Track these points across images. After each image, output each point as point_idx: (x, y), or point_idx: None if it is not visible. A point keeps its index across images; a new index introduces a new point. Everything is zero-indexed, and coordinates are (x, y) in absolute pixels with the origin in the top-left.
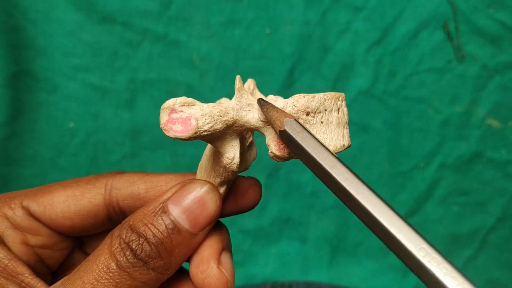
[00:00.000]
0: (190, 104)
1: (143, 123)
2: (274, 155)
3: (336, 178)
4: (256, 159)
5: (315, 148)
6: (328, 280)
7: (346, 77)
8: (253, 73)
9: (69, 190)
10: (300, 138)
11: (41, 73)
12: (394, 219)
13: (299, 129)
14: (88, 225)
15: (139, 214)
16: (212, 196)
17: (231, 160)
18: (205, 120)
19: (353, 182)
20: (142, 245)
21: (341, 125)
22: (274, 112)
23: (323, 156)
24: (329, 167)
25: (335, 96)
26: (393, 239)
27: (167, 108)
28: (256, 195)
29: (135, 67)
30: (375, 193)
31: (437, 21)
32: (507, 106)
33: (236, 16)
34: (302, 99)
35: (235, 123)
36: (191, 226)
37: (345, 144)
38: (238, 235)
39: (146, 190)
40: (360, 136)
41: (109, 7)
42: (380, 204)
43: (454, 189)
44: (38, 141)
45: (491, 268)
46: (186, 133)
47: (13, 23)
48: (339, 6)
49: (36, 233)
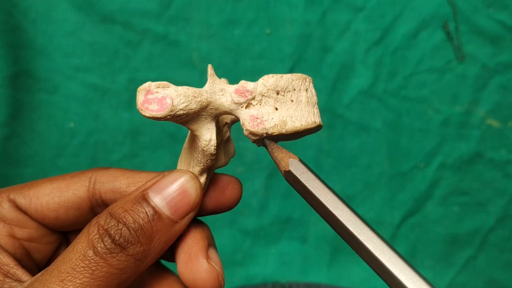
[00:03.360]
0: (165, 86)
1: (143, 123)
2: (249, 132)
3: (339, 218)
4: (256, 159)
5: (319, 189)
6: (328, 281)
7: (346, 77)
8: (253, 73)
9: (55, 183)
10: (304, 179)
11: (41, 73)
12: (396, 260)
13: (303, 170)
14: (72, 217)
15: (120, 202)
16: (193, 184)
17: (208, 142)
18: (180, 99)
19: (356, 223)
20: (121, 230)
21: (310, 104)
22: (279, 153)
23: (326, 197)
24: (332, 207)
25: (302, 77)
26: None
27: (143, 90)
28: (236, 192)
29: (135, 67)
30: (377, 234)
31: (437, 21)
32: (507, 106)
33: (236, 16)
34: (271, 78)
35: (209, 105)
36: (172, 213)
37: (316, 121)
38: (238, 235)
39: (128, 185)
40: (360, 136)
41: (109, 7)
42: (382, 246)
43: (454, 189)
44: (38, 141)
45: (491, 268)
46: (162, 112)
47: (13, 23)
48: (339, 6)
49: (22, 226)
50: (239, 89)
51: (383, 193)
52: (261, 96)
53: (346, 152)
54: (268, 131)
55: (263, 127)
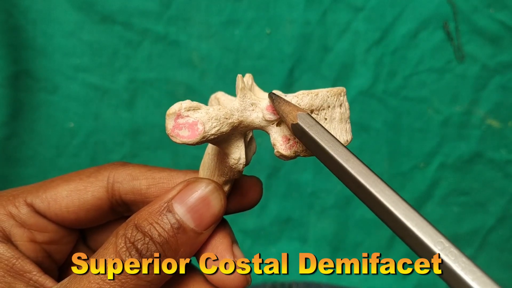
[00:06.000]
0: (196, 108)
1: (143, 123)
2: (281, 154)
3: (350, 171)
4: (256, 159)
5: (328, 142)
6: (328, 280)
7: (346, 77)
8: (253, 73)
9: (71, 184)
10: (313, 132)
11: (41, 73)
12: (410, 212)
13: (312, 123)
14: (92, 217)
15: (144, 212)
16: (217, 195)
17: (237, 161)
18: (212, 124)
19: (368, 175)
20: (148, 244)
21: (343, 121)
22: (286, 106)
23: (337, 150)
24: (343, 160)
25: (338, 92)
26: (409, 232)
27: (173, 114)
28: (258, 194)
29: (135, 67)
30: (389, 186)
31: (437, 21)
32: (507, 106)
33: (236, 16)
34: (306, 97)
35: (240, 124)
36: (196, 225)
37: (348, 140)
38: (238, 235)
39: (148, 186)
40: (360, 136)
41: (109, 7)
42: (395, 197)
43: (454, 189)
44: (38, 141)
45: (491, 268)
46: (194, 138)
47: (13, 23)
48: (339, 6)
49: (42, 230)
50: (271, 105)
51: None
52: None
53: None
54: (300, 154)
55: (295, 150)
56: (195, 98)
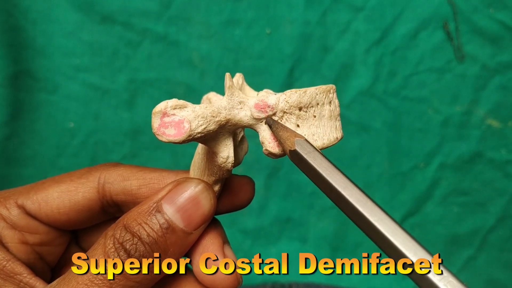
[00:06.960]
0: (182, 107)
1: (143, 123)
2: (269, 152)
3: (348, 199)
4: (256, 159)
5: (326, 169)
6: (328, 281)
7: (346, 77)
8: (253, 73)
9: (62, 186)
10: (311, 158)
11: (41, 73)
12: (409, 242)
13: (310, 149)
14: (84, 218)
15: (133, 213)
16: (207, 195)
17: (225, 159)
18: (198, 122)
19: (366, 204)
20: (136, 245)
21: (333, 118)
22: (284, 132)
23: (335, 177)
24: (341, 188)
25: (327, 89)
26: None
27: (159, 112)
28: (249, 193)
29: (135, 67)
30: (388, 214)
31: (437, 21)
32: (507, 106)
33: (236, 16)
34: (294, 94)
35: (228, 122)
36: (186, 225)
37: (338, 137)
38: (238, 235)
39: (139, 187)
40: (360, 136)
41: (109, 7)
42: (393, 227)
43: (454, 189)
44: (38, 141)
45: (491, 268)
46: (180, 137)
47: (13, 23)
48: (339, 6)
49: (33, 231)
50: (259, 103)
51: (383, 193)
52: (282, 112)
53: (346, 152)
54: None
55: (283, 147)
56: (195, 98)
